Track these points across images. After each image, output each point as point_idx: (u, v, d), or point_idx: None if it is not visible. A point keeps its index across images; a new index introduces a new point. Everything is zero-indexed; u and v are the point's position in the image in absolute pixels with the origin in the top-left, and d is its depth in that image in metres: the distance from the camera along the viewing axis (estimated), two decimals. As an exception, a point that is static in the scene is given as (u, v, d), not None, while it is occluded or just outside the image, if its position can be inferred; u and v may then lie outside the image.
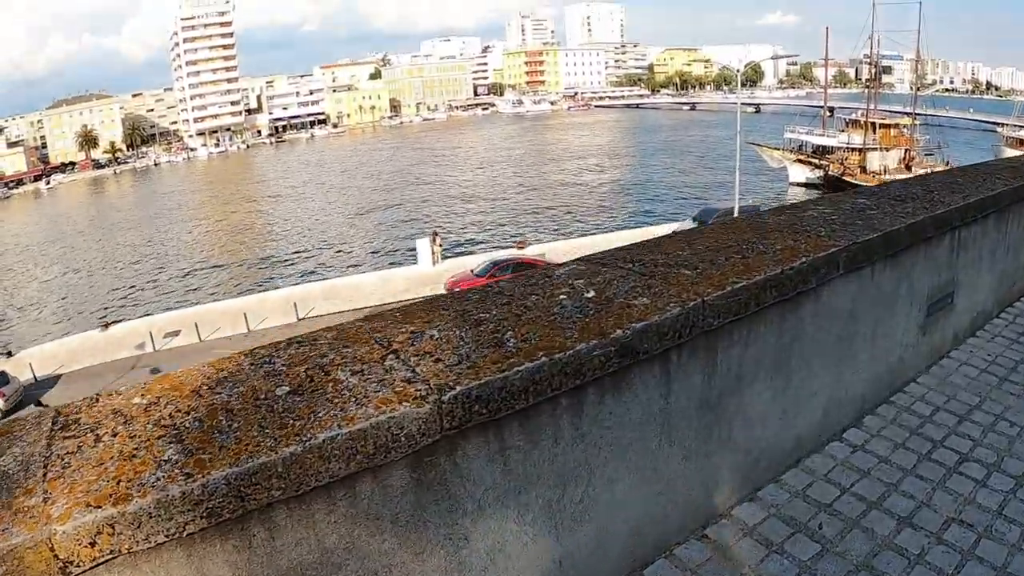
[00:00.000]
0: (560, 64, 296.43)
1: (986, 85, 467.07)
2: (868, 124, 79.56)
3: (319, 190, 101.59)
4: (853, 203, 5.01)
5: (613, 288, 3.31)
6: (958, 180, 6.04)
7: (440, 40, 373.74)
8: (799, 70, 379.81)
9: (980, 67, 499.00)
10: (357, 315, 11.72)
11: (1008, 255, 6.36)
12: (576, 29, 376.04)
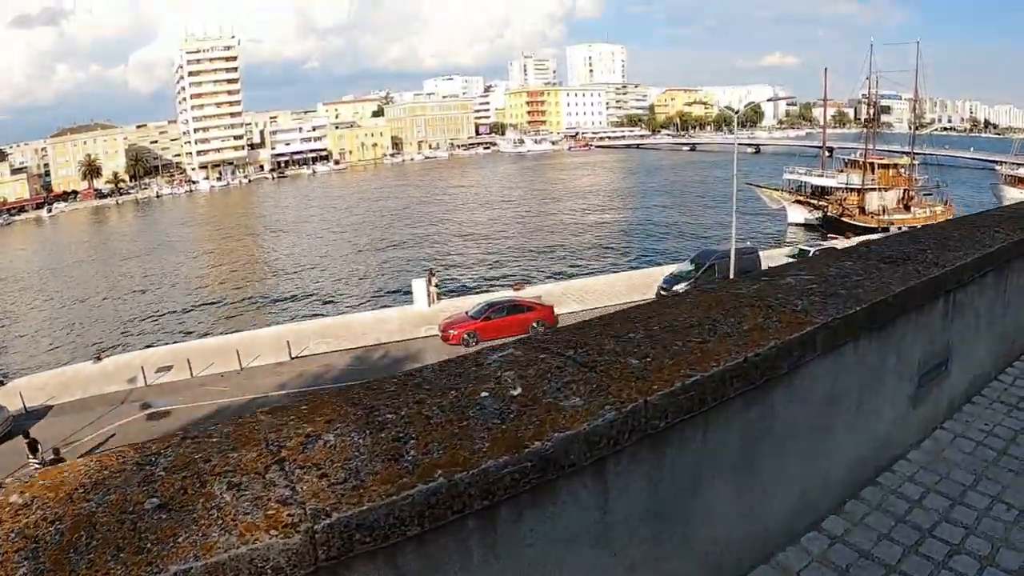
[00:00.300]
0: (562, 104, 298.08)
1: (984, 123, 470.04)
2: (866, 164, 79.78)
3: (318, 226, 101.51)
4: (838, 268, 4.56)
5: (545, 383, 2.85)
6: (953, 235, 5.62)
7: (443, 79, 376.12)
8: (799, 110, 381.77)
9: (978, 105, 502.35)
10: (350, 355, 14.04)
11: (1008, 312, 5.93)
12: (578, 69, 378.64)
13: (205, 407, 31.48)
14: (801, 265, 4.75)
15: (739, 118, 79.65)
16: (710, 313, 3.61)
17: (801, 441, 3.74)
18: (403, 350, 37.88)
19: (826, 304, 3.75)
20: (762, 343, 3.16)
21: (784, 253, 53.49)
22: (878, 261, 4.71)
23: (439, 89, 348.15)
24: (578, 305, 44.02)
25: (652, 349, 3.11)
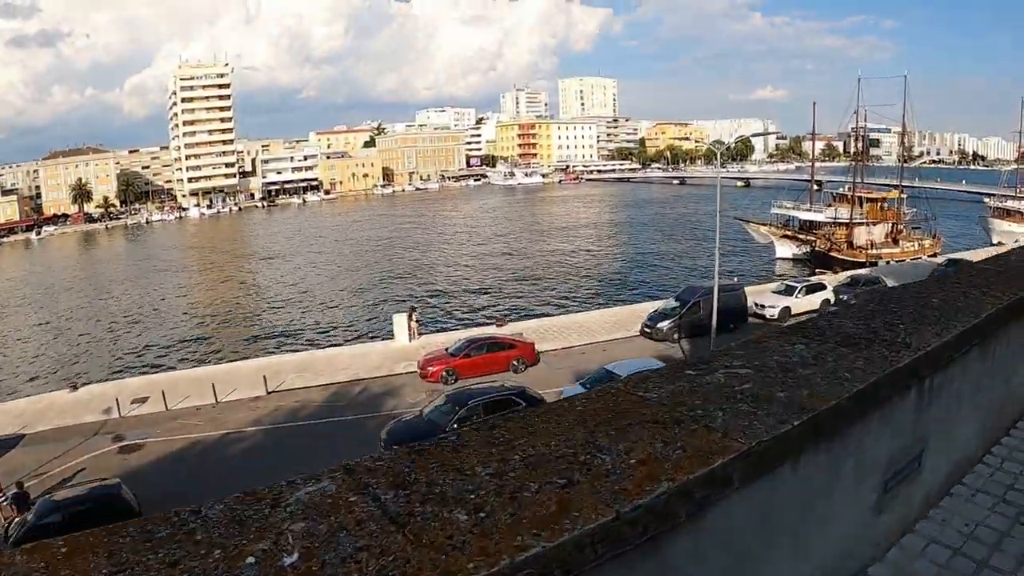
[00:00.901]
0: (553, 137, 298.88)
1: (972, 155, 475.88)
2: (854, 198, 79.84)
3: (304, 257, 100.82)
4: (784, 355, 3.69)
5: (332, 548, 1.99)
6: (933, 300, 4.81)
7: (435, 110, 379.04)
8: (788, 144, 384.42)
9: (966, 138, 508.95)
10: (328, 391, 16.23)
11: (995, 383, 5.13)
12: (570, 102, 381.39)
13: (177, 442, 30.87)
14: (743, 349, 3.86)
15: (729, 152, 79.79)
16: (594, 434, 2.66)
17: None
18: (383, 386, 37.35)
19: (755, 415, 2.86)
20: (648, 487, 2.28)
21: (771, 288, 52.73)
22: (836, 344, 3.86)
23: (431, 120, 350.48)
24: (561, 342, 43.61)
25: (495, 496, 2.22)
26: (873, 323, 4.26)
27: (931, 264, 67.46)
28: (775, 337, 3.99)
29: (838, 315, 4.46)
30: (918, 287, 5.24)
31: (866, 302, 4.73)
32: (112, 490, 23.27)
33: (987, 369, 4.89)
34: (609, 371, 32.09)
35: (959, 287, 5.25)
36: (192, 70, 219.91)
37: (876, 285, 54.74)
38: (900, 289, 5.06)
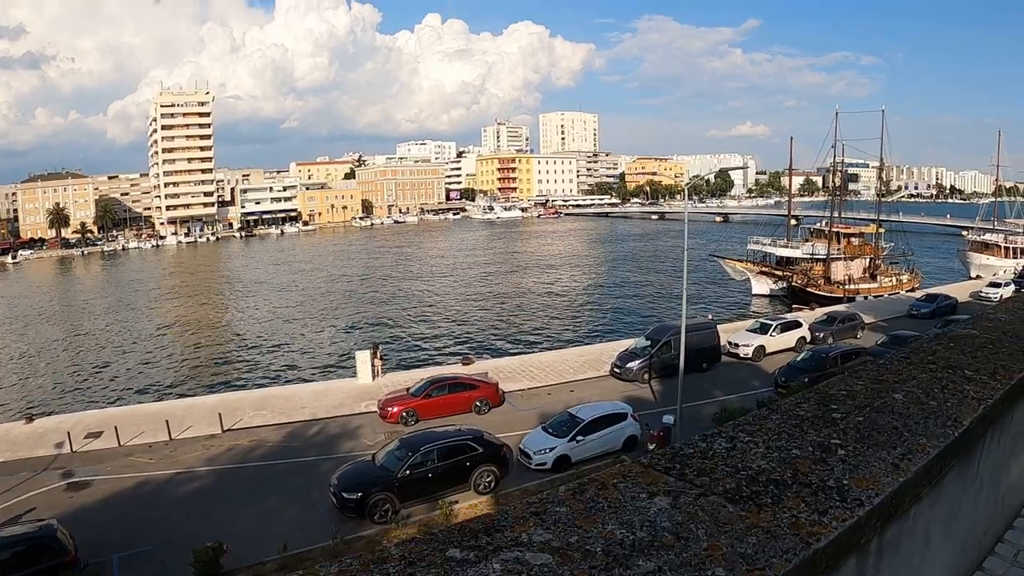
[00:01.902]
0: (533, 171, 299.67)
1: (950, 189, 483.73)
2: (832, 233, 79.47)
3: (277, 289, 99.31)
4: (629, 522, 2.21)
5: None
6: (895, 400, 3.37)
7: (415, 143, 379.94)
8: (768, 179, 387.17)
9: (944, 171, 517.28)
10: (285, 430, 14.30)
11: (979, 500, 3.73)
12: (551, 136, 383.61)
13: (127, 480, 29.96)
14: (557, 511, 2.33)
15: (708, 187, 79.28)
16: None
17: None
18: (341, 426, 36.21)
19: None
20: None
21: (745, 327, 51.53)
22: (723, 497, 2.38)
23: (411, 153, 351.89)
24: (528, 382, 42.56)
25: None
26: (798, 446, 2.82)
27: (909, 299, 67.06)
28: (632, 477, 2.51)
29: (754, 427, 3.01)
30: (877, 373, 3.79)
31: (798, 403, 3.27)
32: (46, 532, 22.24)
33: (967, 490, 3.50)
34: (572, 415, 30.98)
35: (933, 368, 3.86)
36: (173, 97, 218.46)
37: (854, 321, 54.02)
38: (851, 380, 3.62)
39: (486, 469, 27.60)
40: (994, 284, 72.97)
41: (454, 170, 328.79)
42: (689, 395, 36.02)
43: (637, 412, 33.02)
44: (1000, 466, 4.02)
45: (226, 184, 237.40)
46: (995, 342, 4.49)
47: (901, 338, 46.18)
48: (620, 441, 30.80)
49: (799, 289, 74.22)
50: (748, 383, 41.37)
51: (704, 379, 41.35)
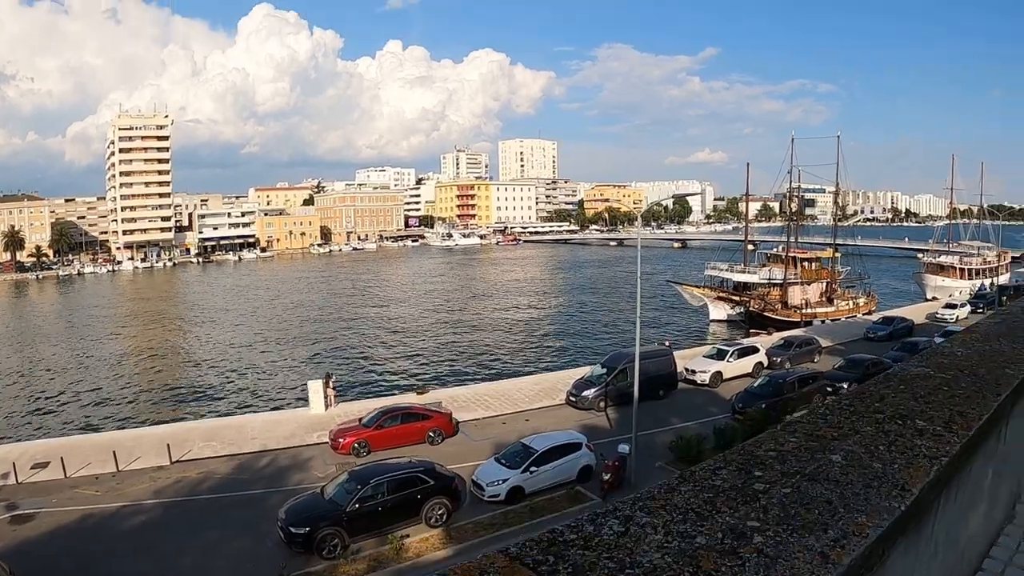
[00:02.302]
0: (492, 198, 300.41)
1: (905, 212, 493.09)
2: (788, 258, 79.83)
3: (232, 317, 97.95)
4: None
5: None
6: (832, 463, 2.79)
7: (375, 170, 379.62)
8: (726, 205, 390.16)
9: (899, 196, 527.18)
10: (234, 462, 13.69)
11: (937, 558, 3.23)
12: (510, 164, 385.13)
13: (72, 513, 29.08)
14: None
15: (667, 213, 79.40)
16: None
17: None
18: (292, 458, 35.38)
19: None
20: None
21: (703, 353, 51.39)
22: None
23: (371, 180, 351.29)
24: (483, 411, 41.99)
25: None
26: (707, 531, 2.26)
27: (866, 322, 67.43)
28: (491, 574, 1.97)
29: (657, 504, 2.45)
30: (815, 426, 3.25)
31: (716, 469, 2.70)
32: (-19, 568, 21.71)
33: (920, 558, 2.97)
34: (526, 445, 30.44)
35: (880, 419, 3.35)
36: (131, 120, 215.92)
37: (811, 345, 54.06)
38: (783, 435, 3.06)
39: (438, 502, 27.01)
40: (950, 305, 73.77)
41: (413, 197, 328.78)
42: (645, 423, 35.65)
43: (593, 441, 32.54)
44: (958, 522, 3.53)
45: (184, 209, 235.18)
46: (951, 383, 4.01)
47: (858, 362, 46.45)
48: (575, 471, 30.25)
49: (756, 314, 74.37)
50: (705, 409, 41.15)
51: (661, 406, 41.03)
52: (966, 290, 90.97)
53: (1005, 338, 5.57)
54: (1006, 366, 4.52)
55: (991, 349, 5.03)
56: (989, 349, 5.03)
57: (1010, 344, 5.33)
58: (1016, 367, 4.52)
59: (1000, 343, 5.32)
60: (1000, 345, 5.25)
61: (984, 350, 4.99)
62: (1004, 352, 5.00)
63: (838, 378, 43.85)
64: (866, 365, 45.82)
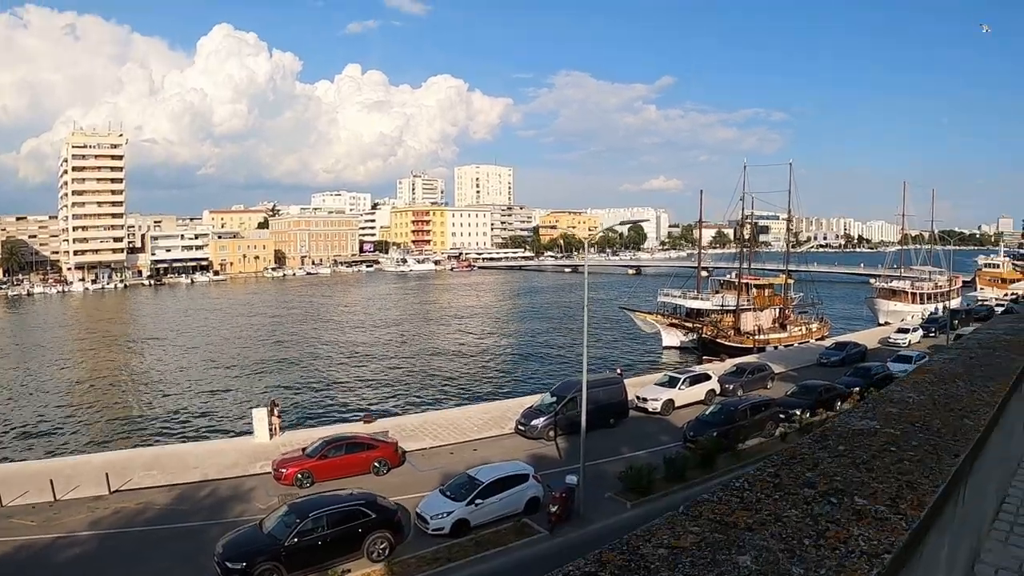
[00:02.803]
0: (447, 223, 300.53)
1: (858, 238, 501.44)
2: (741, 285, 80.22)
3: (180, 341, 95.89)
4: None
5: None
6: (740, 567, 2.13)
7: (330, 194, 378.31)
8: (680, 231, 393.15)
9: (851, 222, 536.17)
10: (174, 492, 14.62)
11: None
12: (466, 189, 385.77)
13: (6, 544, 27.95)
14: None
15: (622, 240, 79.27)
16: None
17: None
18: (233, 488, 34.27)
19: None
20: None
21: (654, 381, 50.90)
22: None
23: (326, 204, 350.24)
24: (431, 440, 41.15)
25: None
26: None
27: (819, 347, 67.66)
28: None
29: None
30: (726, 509, 2.54)
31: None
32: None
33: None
34: (471, 476, 29.68)
35: (809, 498, 2.66)
36: (86, 138, 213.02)
37: (764, 372, 53.90)
38: (684, 524, 2.35)
39: (380, 535, 26.14)
40: (902, 330, 74.28)
41: (368, 222, 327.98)
42: (595, 453, 35.06)
43: (542, 471, 31.94)
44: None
45: (137, 230, 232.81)
46: (900, 441, 3.37)
47: (811, 388, 46.49)
48: (522, 503, 29.46)
49: (709, 341, 74.35)
50: (657, 438, 40.69)
51: (611, 435, 40.57)
52: (918, 314, 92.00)
53: (962, 379, 4.98)
54: (964, 415, 3.92)
55: (946, 394, 4.43)
56: (944, 394, 4.43)
57: (967, 386, 4.75)
58: (975, 416, 3.92)
59: (957, 385, 4.73)
60: (957, 388, 4.65)
61: (939, 395, 4.39)
62: (961, 397, 4.40)
63: (791, 404, 43.79)
64: (819, 391, 45.85)
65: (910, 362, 55.00)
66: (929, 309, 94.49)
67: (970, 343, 7.12)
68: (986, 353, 6.35)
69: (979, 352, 6.37)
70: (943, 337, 67.28)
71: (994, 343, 7.01)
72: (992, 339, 7.35)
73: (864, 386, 47.67)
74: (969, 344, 7.01)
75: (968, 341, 7.39)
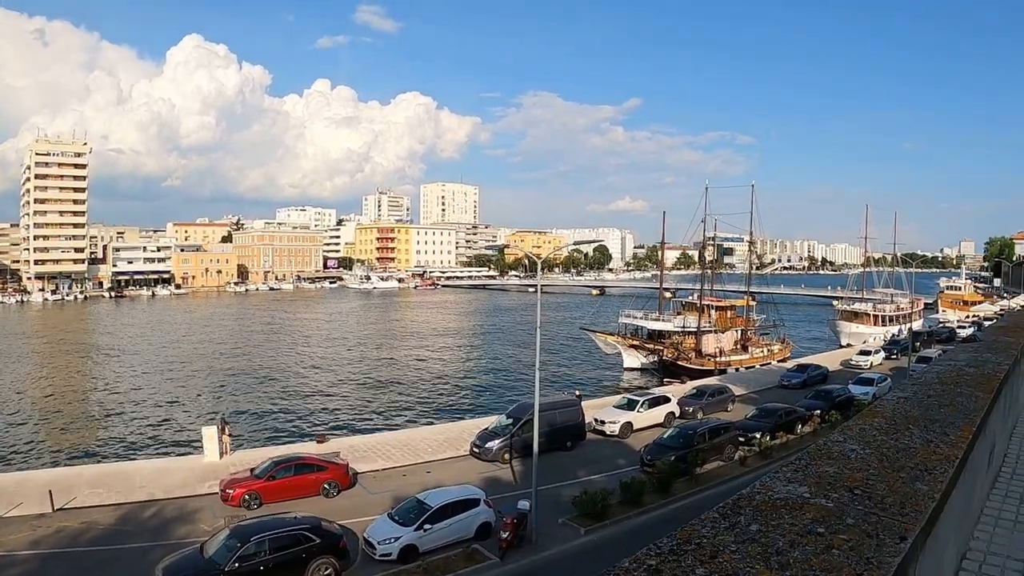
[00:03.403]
0: (412, 241, 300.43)
1: (822, 261, 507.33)
2: (702, 306, 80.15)
3: (138, 356, 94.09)
4: None
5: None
6: None
7: (296, 209, 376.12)
8: (645, 253, 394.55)
9: (816, 244, 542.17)
10: (119, 511, 16.65)
11: None
12: (431, 207, 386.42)
13: None
14: None
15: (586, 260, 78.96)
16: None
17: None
18: (179, 509, 33.25)
19: None
20: None
21: (612, 403, 50.27)
22: None
23: (291, 219, 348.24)
24: (384, 462, 40.21)
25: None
26: None
27: (781, 369, 67.58)
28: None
29: None
30: None
31: None
32: None
33: None
34: (420, 501, 28.84)
35: None
36: (49, 146, 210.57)
37: (724, 394, 53.52)
38: None
39: (324, 561, 25.38)
40: (864, 352, 74.51)
41: (333, 238, 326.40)
42: (551, 476, 34.40)
43: (496, 495, 31.35)
44: None
45: (100, 241, 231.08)
46: (832, 517, 2.66)
47: (771, 411, 46.09)
48: (472, 529, 28.62)
49: (670, 363, 73.78)
50: (614, 462, 39.99)
51: (568, 458, 39.95)
52: (880, 336, 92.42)
53: (917, 425, 4.30)
54: (917, 476, 3.24)
55: (897, 447, 3.74)
56: (894, 447, 3.73)
57: (923, 435, 4.07)
58: (931, 477, 3.24)
59: (910, 434, 4.04)
60: (910, 438, 3.97)
61: (888, 448, 3.70)
62: (914, 450, 3.72)
63: (750, 427, 43.33)
64: (779, 414, 45.46)
65: (871, 384, 55.22)
66: (891, 331, 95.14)
67: (929, 377, 6.48)
68: (946, 390, 5.70)
69: (938, 389, 5.72)
70: (905, 359, 67.19)
71: (956, 377, 6.38)
72: (953, 372, 6.71)
73: (825, 409, 47.45)
74: (928, 379, 6.36)
75: (927, 375, 6.76)
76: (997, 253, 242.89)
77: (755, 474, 36.47)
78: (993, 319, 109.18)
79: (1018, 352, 8.84)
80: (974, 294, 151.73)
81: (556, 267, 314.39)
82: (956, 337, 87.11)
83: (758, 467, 38.35)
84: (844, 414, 45.96)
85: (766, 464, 38.51)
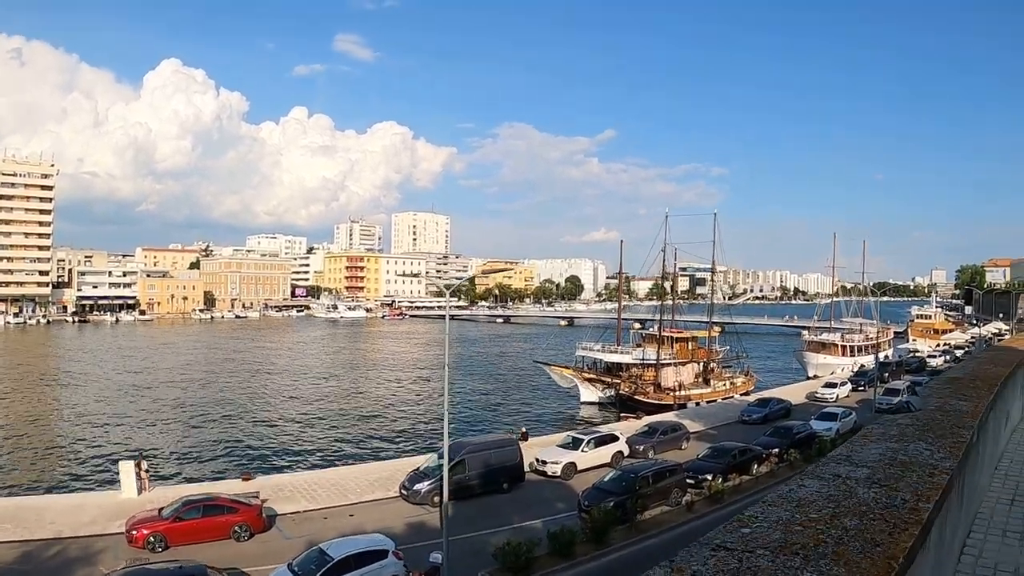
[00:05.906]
0: (381, 271, 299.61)
1: (794, 291, 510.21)
2: (662, 338, 77.88)
3: (85, 383, 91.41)
4: None
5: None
6: None
7: (266, 236, 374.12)
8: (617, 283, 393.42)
9: (788, 274, 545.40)
10: (22, 549, 19.04)
11: None
12: (402, 237, 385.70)
13: None
14: None
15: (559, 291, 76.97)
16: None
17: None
18: (82, 549, 31.08)
19: None
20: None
21: (556, 442, 47.80)
22: None
23: (261, 246, 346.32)
24: (308, 503, 37.76)
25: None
26: None
27: (743, 403, 66.00)
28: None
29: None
30: None
31: None
32: None
33: None
34: (323, 551, 26.33)
35: None
36: (15, 165, 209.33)
37: (678, 432, 51.36)
38: None
39: (206, 616, 22.98)
40: (830, 384, 72.95)
41: (303, 266, 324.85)
42: (481, 521, 32.36)
43: (419, 542, 29.41)
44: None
45: (66, 264, 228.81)
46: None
47: (724, 450, 43.80)
48: (377, 585, 26.23)
49: (627, 397, 71.34)
50: (553, 506, 37.59)
51: (504, 501, 37.78)
52: (848, 367, 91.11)
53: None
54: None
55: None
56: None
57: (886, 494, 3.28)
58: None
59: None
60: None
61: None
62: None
63: (701, 469, 40.96)
64: (732, 453, 43.17)
65: (835, 420, 53.48)
66: (860, 361, 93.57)
67: (901, 421, 4.71)
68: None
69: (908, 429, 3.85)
70: (871, 391, 65.29)
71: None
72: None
73: (784, 447, 45.47)
74: (899, 420, 4.63)
75: (900, 418, 4.92)
76: (968, 281, 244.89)
77: (703, 520, 34.38)
78: (964, 347, 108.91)
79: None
80: (945, 322, 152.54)
81: (527, 298, 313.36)
82: (926, 367, 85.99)
83: (706, 512, 36.16)
84: (804, 453, 44.11)
85: (716, 509, 36.35)
